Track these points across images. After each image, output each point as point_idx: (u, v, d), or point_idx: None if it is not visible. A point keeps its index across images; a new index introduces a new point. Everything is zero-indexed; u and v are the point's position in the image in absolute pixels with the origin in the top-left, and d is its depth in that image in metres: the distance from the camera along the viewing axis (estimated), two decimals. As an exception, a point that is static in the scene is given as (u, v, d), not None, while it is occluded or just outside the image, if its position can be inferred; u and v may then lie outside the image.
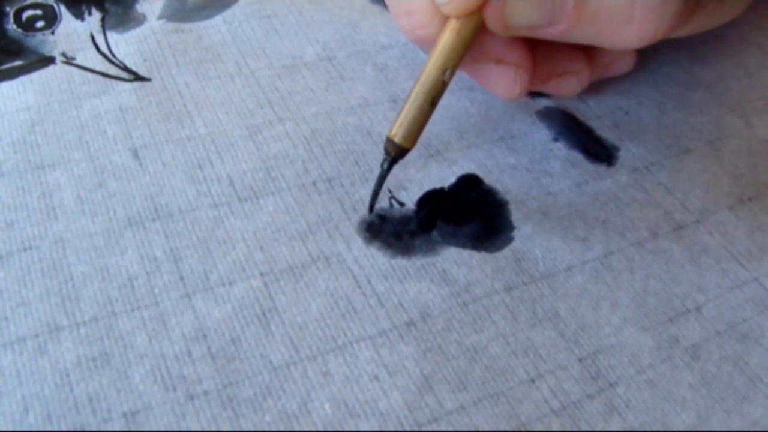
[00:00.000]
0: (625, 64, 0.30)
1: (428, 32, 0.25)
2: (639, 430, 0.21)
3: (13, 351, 0.20)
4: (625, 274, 0.25)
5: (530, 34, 0.24)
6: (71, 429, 0.19)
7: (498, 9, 0.23)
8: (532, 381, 0.22)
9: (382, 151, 0.24)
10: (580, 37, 0.24)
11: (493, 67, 0.26)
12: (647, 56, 0.33)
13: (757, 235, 0.27)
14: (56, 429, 0.19)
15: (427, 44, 0.25)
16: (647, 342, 0.23)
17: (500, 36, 0.25)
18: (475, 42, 0.24)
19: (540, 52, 0.26)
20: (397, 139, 0.23)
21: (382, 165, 0.24)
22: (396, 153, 0.24)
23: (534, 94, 0.31)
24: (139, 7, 0.30)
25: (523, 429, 0.21)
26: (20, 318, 0.21)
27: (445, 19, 0.24)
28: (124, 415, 0.19)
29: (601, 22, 0.23)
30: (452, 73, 0.24)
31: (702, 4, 0.25)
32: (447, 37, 0.23)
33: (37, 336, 0.20)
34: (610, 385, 0.22)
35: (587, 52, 0.28)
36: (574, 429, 0.21)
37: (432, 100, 0.24)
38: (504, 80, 0.26)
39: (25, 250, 0.22)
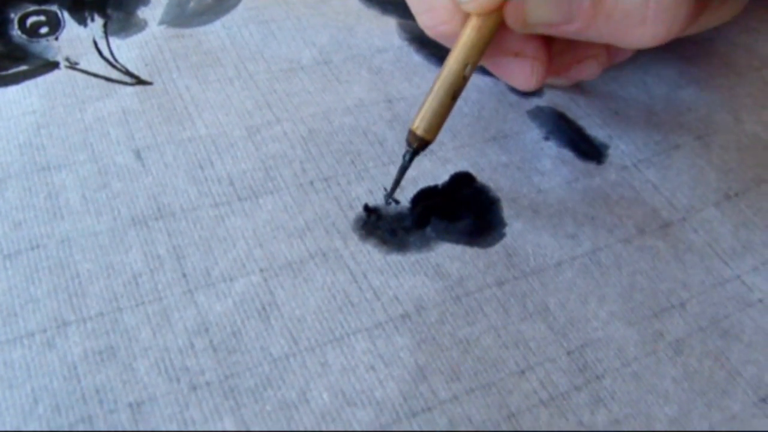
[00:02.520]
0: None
1: (450, 28, 0.26)
2: (623, 421, 0.22)
3: (22, 345, 0.21)
4: (612, 269, 0.26)
5: (547, 31, 0.25)
6: (79, 419, 0.20)
7: (517, 7, 0.24)
8: (522, 372, 0.23)
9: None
10: (595, 35, 0.25)
11: (512, 60, 0.27)
12: (636, 57, 0.34)
13: (742, 232, 0.28)
14: (65, 419, 0.20)
15: (448, 40, 0.26)
16: (633, 336, 0.24)
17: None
18: (494, 37, 0.25)
19: (559, 42, 0.27)
20: (419, 132, 0.24)
21: (404, 156, 0.25)
22: (418, 145, 0.25)
23: (528, 94, 0.31)
24: (140, 13, 0.31)
25: (512, 418, 0.21)
26: (29, 314, 0.21)
27: (467, 15, 0.25)
28: (130, 405, 0.20)
29: (616, 22, 0.24)
30: (473, 68, 0.25)
31: (708, 4, 0.26)
32: (468, 34, 0.24)
33: (45, 331, 0.21)
34: (597, 377, 0.23)
35: None
36: (562, 419, 0.22)
37: (453, 95, 0.24)
38: (522, 72, 0.27)
39: (32, 248, 0.23)
